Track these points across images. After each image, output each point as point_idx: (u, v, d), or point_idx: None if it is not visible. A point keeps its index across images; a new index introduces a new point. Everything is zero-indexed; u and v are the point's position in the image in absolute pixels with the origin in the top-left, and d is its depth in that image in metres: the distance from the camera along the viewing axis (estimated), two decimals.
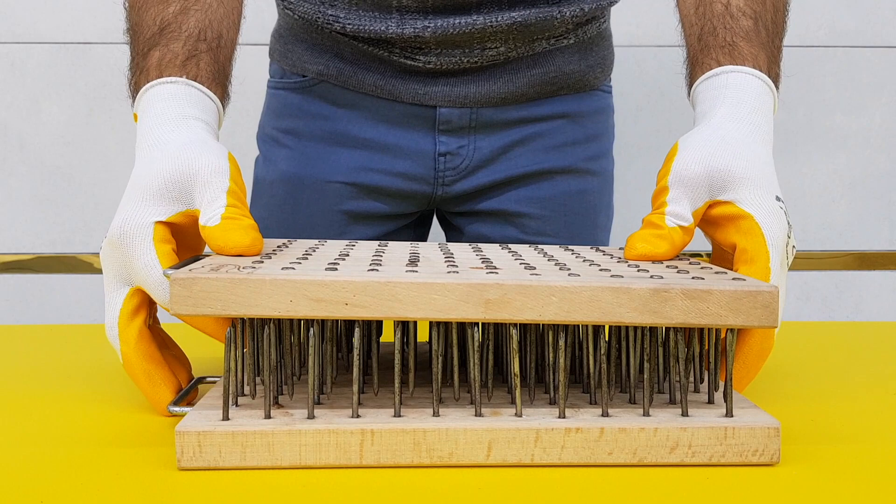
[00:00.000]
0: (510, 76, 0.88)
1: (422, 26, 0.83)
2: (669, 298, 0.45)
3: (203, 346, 0.64)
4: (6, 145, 1.45)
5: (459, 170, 0.91)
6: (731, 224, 0.56)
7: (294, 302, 0.44)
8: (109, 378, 0.64)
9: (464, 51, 0.85)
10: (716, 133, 0.58)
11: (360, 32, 0.84)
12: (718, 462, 0.44)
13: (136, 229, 0.52)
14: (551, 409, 0.47)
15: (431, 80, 0.87)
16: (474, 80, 0.88)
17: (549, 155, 0.93)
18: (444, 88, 0.87)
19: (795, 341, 0.78)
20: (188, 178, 0.54)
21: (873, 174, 1.50)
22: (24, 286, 1.48)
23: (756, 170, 0.56)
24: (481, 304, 0.44)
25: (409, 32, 0.83)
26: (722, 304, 0.45)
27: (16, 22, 1.44)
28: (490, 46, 0.85)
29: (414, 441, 0.44)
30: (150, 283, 0.51)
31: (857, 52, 1.47)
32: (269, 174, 0.95)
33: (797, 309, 1.52)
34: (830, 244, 1.51)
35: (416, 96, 0.88)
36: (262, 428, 0.44)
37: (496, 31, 0.84)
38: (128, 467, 0.45)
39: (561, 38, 0.89)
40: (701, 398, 0.50)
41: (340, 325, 0.60)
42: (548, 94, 0.91)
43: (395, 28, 0.83)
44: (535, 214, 0.94)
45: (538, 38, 0.87)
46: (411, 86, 0.88)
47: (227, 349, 0.46)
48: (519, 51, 0.87)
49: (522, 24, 0.84)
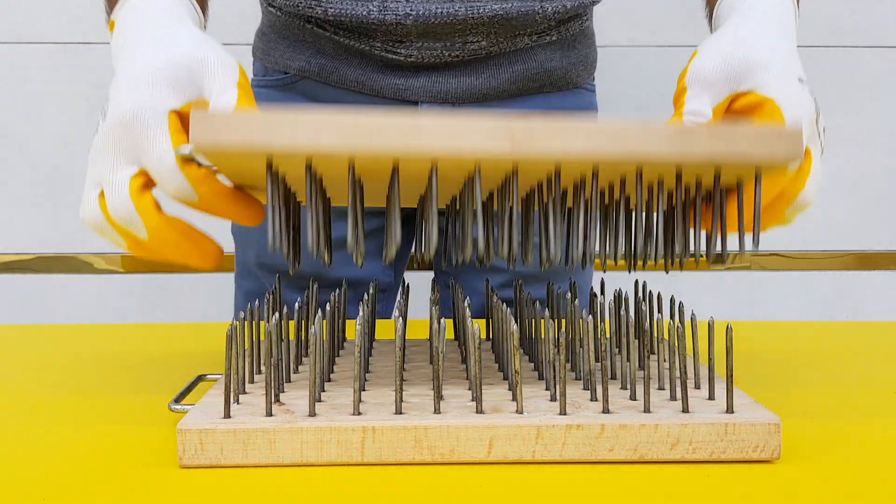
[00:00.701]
0: (492, 71, 0.88)
1: (403, 13, 0.82)
2: (695, 134, 0.45)
3: (203, 344, 0.65)
4: (6, 145, 1.45)
5: None
6: (755, 113, 0.55)
7: (319, 132, 0.42)
8: (110, 377, 0.64)
9: (445, 44, 0.85)
10: (734, 31, 0.58)
11: (342, 17, 0.84)
12: (719, 458, 0.45)
13: (153, 116, 0.50)
14: (552, 405, 0.47)
15: (412, 74, 0.87)
16: (455, 75, 0.87)
17: None
18: (425, 83, 0.87)
19: (795, 341, 0.78)
20: (199, 66, 0.52)
21: (873, 174, 1.50)
22: (24, 286, 1.48)
23: (775, 56, 0.55)
24: (508, 138, 0.44)
25: (391, 19, 0.83)
26: (747, 139, 0.45)
27: (16, 22, 1.44)
28: (471, 40, 0.85)
29: (415, 438, 0.44)
30: (163, 170, 0.49)
31: (857, 52, 1.47)
32: None
33: (797, 309, 1.52)
34: (830, 244, 1.51)
35: (396, 91, 0.88)
36: (264, 425, 0.44)
37: (477, 23, 0.83)
38: (129, 465, 0.45)
39: (543, 34, 0.89)
40: (701, 394, 0.50)
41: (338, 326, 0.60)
42: (530, 90, 0.91)
43: (376, 13, 0.83)
44: None
45: (520, 34, 0.87)
46: (392, 80, 0.87)
47: (227, 347, 0.46)
48: (501, 46, 0.87)
49: (504, 18, 0.84)
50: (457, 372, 0.56)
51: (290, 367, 0.54)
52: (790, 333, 0.81)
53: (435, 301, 0.57)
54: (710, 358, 0.49)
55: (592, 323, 0.48)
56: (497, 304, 0.57)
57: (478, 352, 0.46)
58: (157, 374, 0.65)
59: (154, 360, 0.70)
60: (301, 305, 0.59)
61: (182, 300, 1.49)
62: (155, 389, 0.59)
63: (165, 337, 0.81)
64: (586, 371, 0.51)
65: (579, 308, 0.54)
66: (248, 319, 0.54)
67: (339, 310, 0.61)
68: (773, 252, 1.51)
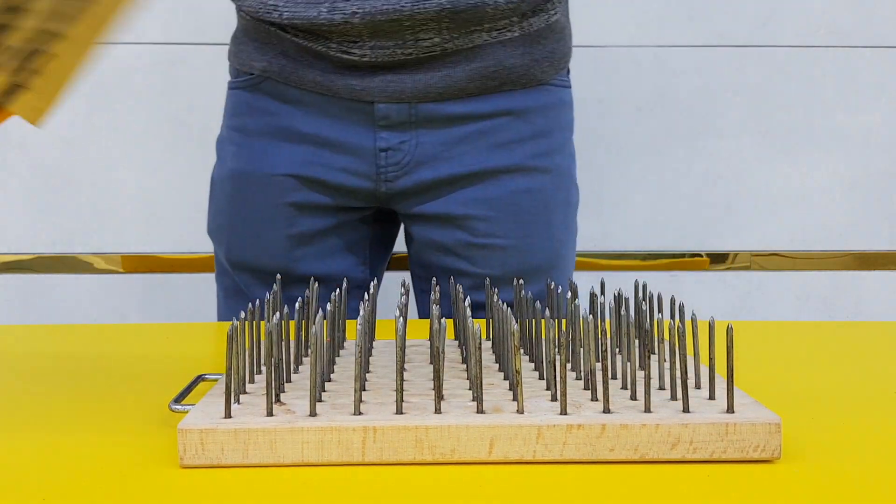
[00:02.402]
0: (448, 70, 0.87)
1: (350, 12, 0.83)
2: None
3: (203, 344, 0.65)
4: (6, 145, 1.45)
5: (401, 165, 0.90)
6: None
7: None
8: (110, 377, 0.64)
9: (397, 42, 0.85)
10: None
11: (296, 20, 0.85)
12: (720, 458, 0.45)
13: None
14: (553, 405, 0.47)
15: (368, 74, 0.87)
16: (410, 75, 0.87)
17: (494, 153, 0.91)
18: (381, 83, 0.87)
19: (795, 341, 0.78)
20: None
21: (873, 174, 1.50)
22: (24, 286, 1.48)
23: None
24: None
25: (339, 18, 0.83)
26: None
27: None
28: (423, 37, 0.84)
29: (416, 438, 0.44)
30: None
31: (857, 52, 1.47)
32: (220, 173, 0.96)
33: (797, 309, 1.52)
34: (830, 244, 1.51)
35: (353, 92, 0.88)
36: (265, 425, 0.44)
37: (426, 18, 0.83)
38: (130, 465, 0.45)
39: (503, 30, 0.88)
40: (702, 394, 0.50)
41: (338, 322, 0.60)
42: (490, 89, 0.90)
43: (325, 14, 0.83)
44: (483, 216, 0.92)
45: (476, 30, 0.86)
46: (349, 81, 0.87)
47: (228, 347, 0.46)
48: (456, 42, 0.86)
49: (452, 11, 0.83)
50: (457, 372, 0.56)
51: (290, 367, 0.54)
52: (790, 333, 0.81)
53: (435, 301, 0.57)
54: (711, 358, 0.49)
55: (593, 323, 0.48)
56: (497, 304, 0.57)
57: (478, 352, 0.46)
58: (157, 374, 0.65)
59: (154, 360, 0.70)
60: (301, 306, 0.59)
61: (182, 300, 1.49)
62: (155, 389, 0.59)
63: (165, 337, 0.81)
64: (587, 371, 0.51)
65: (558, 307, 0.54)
66: (249, 320, 0.54)
67: (340, 309, 0.61)
68: (773, 252, 1.51)
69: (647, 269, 1.48)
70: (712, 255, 1.50)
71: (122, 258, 1.48)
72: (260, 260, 0.94)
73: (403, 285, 0.64)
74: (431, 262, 0.95)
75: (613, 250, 1.48)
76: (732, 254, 1.51)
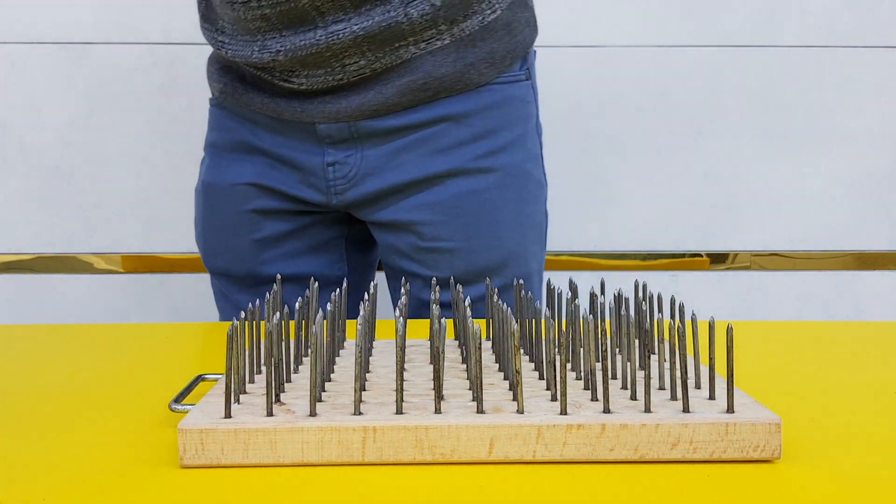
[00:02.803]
0: (380, 87, 0.90)
1: (275, 50, 0.88)
2: None
3: (203, 344, 0.65)
4: (6, 145, 1.45)
5: (349, 178, 0.93)
6: None
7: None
8: (110, 377, 0.64)
9: (326, 70, 0.89)
10: None
11: (237, 57, 0.91)
12: (720, 458, 0.45)
13: None
14: (553, 405, 0.47)
15: (308, 99, 0.91)
16: (346, 96, 0.90)
17: (436, 159, 0.92)
18: (319, 106, 0.91)
19: (795, 341, 0.78)
20: None
21: (873, 174, 1.50)
22: (24, 286, 1.48)
23: None
24: None
25: (268, 57, 0.89)
26: None
27: (16, 22, 1.44)
28: (349, 62, 0.88)
29: (416, 438, 0.44)
30: None
31: (857, 52, 1.47)
32: (197, 186, 1.03)
33: (797, 309, 1.52)
34: (830, 244, 1.52)
35: (295, 114, 0.92)
36: (265, 425, 0.44)
37: (344, 47, 0.86)
38: (130, 465, 0.45)
39: (432, 40, 0.88)
40: (702, 394, 0.50)
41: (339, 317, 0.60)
42: (423, 100, 0.91)
43: (257, 53, 0.89)
44: (428, 220, 0.93)
45: (401, 45, 0.88)
46: (292, 104, 0.92)
47: (228, 347, 0.46)
48: (383, 61, 0.88)
49: (367, 36, 0.85)
50: (457, 372, 0.56)
51: (289, 367, 0.54)
52: (790, 333, 0.81)
53: (436, 300, 0.57)
54: (711, 358, 0.49)
55: (593, 323, 0.48)
56: (497, 304, 0.57)
57: (478, 352, 0.46)
58: (157, 374, 0.65)
59: (154, 360, 0.70)
60: (301, 306, 0.59)
61: (182, 300, 1.49)
62: (155, 389, 0.59)
63: (165, 337, 0.81)
64: (587, 371, 0.51)
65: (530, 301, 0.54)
66: (249, 320, 0.54)
67: (340, 309, 0.61)
68: (773, 252, 1.52)
69: (647, 269, 1.48)
70: (712, 255, 1.50)
71: (121, 258, 1.48)
72: (232, 265, 1.00)
73: (404, 285, 0.64)
74: (394, 263, 0.99)
75: (613, 250, 1.48)
76: (732, 254, 1.51)
